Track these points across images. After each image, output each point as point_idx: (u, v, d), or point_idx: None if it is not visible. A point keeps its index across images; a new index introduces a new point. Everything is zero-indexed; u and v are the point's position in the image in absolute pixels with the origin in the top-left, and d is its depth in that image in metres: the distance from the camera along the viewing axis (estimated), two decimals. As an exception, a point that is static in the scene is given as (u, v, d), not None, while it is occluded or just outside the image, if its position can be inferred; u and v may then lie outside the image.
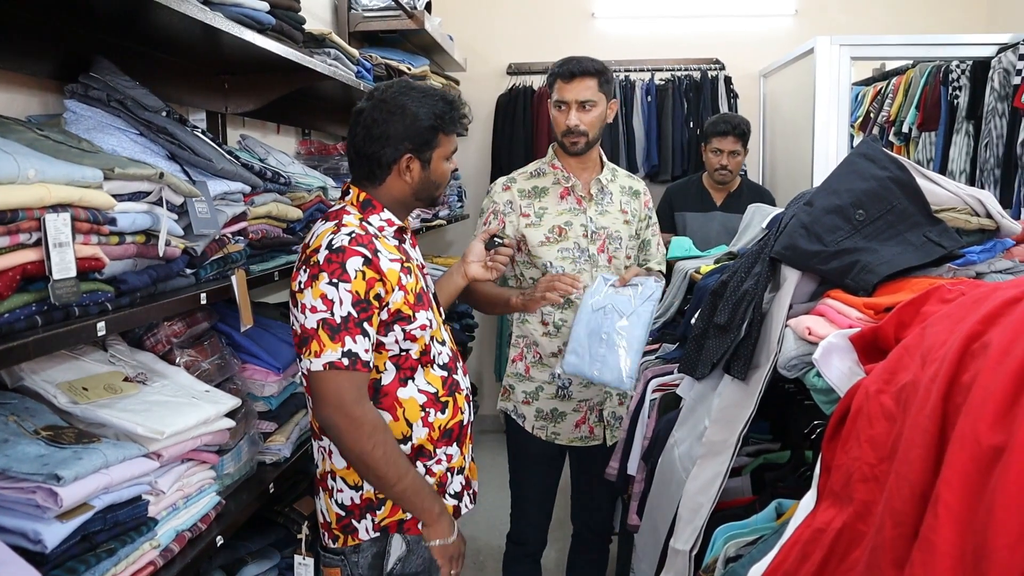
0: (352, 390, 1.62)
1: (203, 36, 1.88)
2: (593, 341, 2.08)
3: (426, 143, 1.75)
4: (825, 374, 1.32)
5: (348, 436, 1.62)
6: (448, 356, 1.86)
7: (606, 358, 2.05)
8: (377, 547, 1.75)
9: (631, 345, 2.08)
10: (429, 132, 1.74)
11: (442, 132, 1.77)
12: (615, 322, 2.11)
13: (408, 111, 1.72)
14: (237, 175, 1.68)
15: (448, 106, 1.77)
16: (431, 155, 1.77)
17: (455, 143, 1.83)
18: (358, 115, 1.76)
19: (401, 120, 1.72)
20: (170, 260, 1.45)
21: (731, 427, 1.63)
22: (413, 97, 1.73)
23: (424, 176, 1.78)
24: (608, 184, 2.40)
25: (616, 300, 2.13)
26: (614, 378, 2.05)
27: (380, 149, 1.73)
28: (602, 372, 2.06)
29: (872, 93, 4.97)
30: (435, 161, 1.78)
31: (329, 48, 2.45)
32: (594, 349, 2.08)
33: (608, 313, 2.11)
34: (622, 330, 2.09)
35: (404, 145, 1.73)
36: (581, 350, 2.09)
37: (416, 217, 3.53)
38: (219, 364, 1.78)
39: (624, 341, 2.09)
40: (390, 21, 3.65)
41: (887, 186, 1.53)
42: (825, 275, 1.51)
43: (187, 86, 2.28)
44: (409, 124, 1.72)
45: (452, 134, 1.81)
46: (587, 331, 2.10)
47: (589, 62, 2.28)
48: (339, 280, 1.60)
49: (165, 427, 1.39)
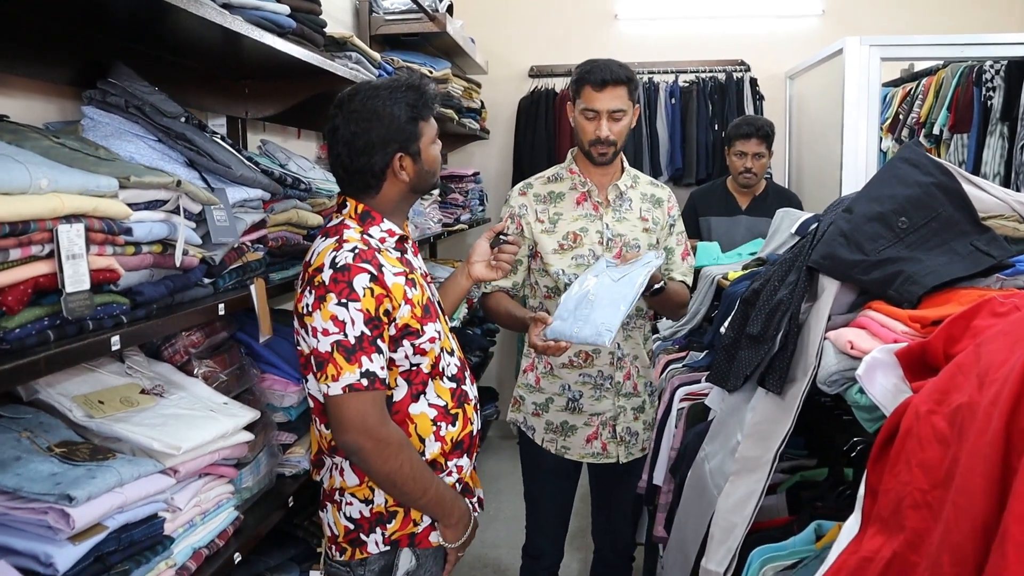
0: (375, 411, 1.60)
1: (223, 40, 1.85)
2: (580, 305, 1.95)
3: (411, 137, 1.71)
4: (869, 391, 1.25)
5: (376, 458, 1.60)
6: (456, 367, 1.83)
7: (589, 316, 1.92)
8: (385, 560, 1.72)
9: (614, 301, 1.92)
10: (410, 126, 1.71)
11: (421, 120, 1.73)
12: (604, 284, 1.99)
13: (384, 113, 1.68)
14: (256, 181, 1.65)
15: (417, 92, 1.72)
16: (419, 146, 1.73)
17: (435, 125, 1.80)
18: (333, 134, 1.72)
19: (380, 124, 1.67)
20: (188, 270, 1.42)
21: (766, 443, 1.57)
22: (382, 97, 1.69)
23: (418, 169, 1.75)
24: (627, 190, 2.31)
25: (612, 272, 2.04)
26: (591, 332, 1.89)
27: (369, 160, 1.69)
28: (581, 329, 1.91)
29: (901, 94, 4.87)
30: (424, 150, 1.75)
31: (350, 52, 2.42)
32: (579, 311, 1.94)
33: (600, 281, 2.01)
34: (609, 288, 1.96)
35: (392, 147, 1.70)
36: (566, 315, 1.95)
37: (438, 222, 3.49)
38: (238, 374, 1.75)
39: (608, 297, 1.94)
40: (412, 24, 3.61)
41: (931, 192, 1.47)
42: (866, 286, 1.45)
43: (207, 91, 2.25)
44: (389, 125, 1.68)
45: (430, 117, 1.77)
46: (576, 299, 1.98)
47: (620, 69, 2.18)
48: (348, 300, 1.57)
49: (182, 442, 1.35)
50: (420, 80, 1.78)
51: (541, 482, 2.43)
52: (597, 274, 2.03)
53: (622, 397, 2.32)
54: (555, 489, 2.43)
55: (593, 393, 2.30)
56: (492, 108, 4.80)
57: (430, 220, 3.33)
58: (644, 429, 2.37)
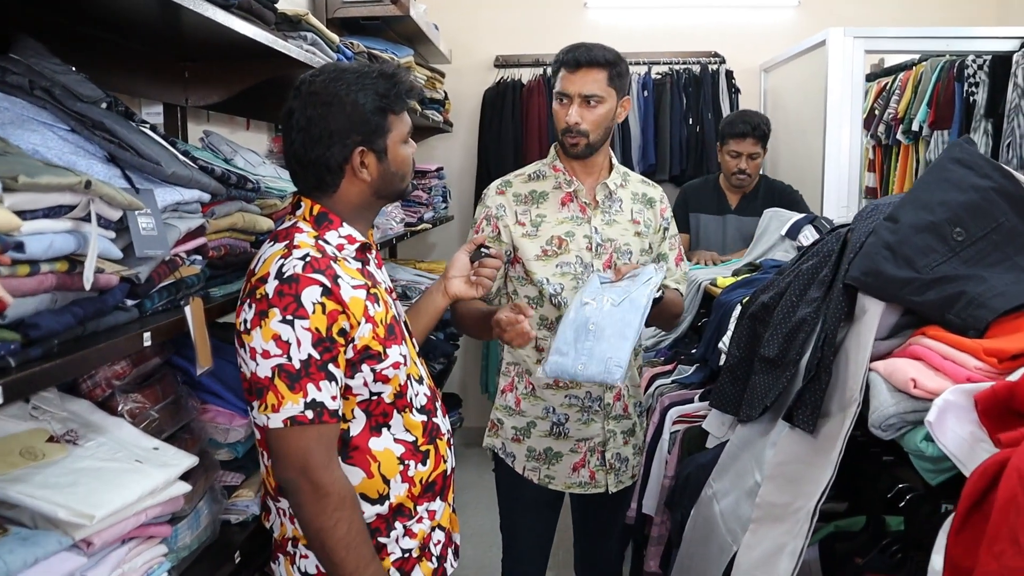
0: (320, 450, 1.38)
1: (158, 13, 1.59)
2: (580, 336, 1.72)
3: (376, 130, 1.48)
4: (941, 441, 1.04)
5: (310, 506, 1.39)
6: (427, 396, 1.60)
7: (592, 350, 1.71)
8: None
9: (621, 332, 1.71)
10: (377, 116, 1.47)
11: (391, 112, 1.49)
12: (604, 311, 1.76)
13: (347, 98, 1.45)
14: (193, 180, 1.37)
15: (390, 81, 1.49)
16: (385, 142, 1.49)
17: (409, 122, 1.55)
18: (288, 118, 1.48)
19: (341, 110, 1.44)
20: (104, 291, 1.14)
21: (795, 489, 1.36)
22: (348, 81, 1.46)
23: (383, 169, 1.51)
24: (617, 190, 2.08)
25: (610, 292, 1.81)
26: (599, 370, 1.70)
27: (326, 151, 1.46)
28: (587, 366, 1.70)
29: (876, 89, 4.73)
30: (392, 148, 1.51)
31: (306, 32, 2.14)
32: (580, 344, 1.72)
33: (599, 305, 1.78)
34: (611, 316, 1.73)
35: (352, 139, 1.46)
36: (566, 347, 1.73)
37: (400, 222, 3.23)
38: (173, 409, 1.48)
39: (612, 327, 1.72)
40: (372, 7, 3.34)
41: (991, 199, 1.26)
42: (919, 309, 1.24)
43: (140, 74, 1.97)
44: (351, 113, 1.45)
45: (403, 111, 1.53)
46: (574, 328, 1.76)
47: (600, 50, 1.97)
48: (294, 317, 1.35)
49: (97, 508, 1.08)
50: (396, 69, 1.54)
51: (521, 514, 2.19)
52: (593, 296, 1.79)
53: (612, 420, 2.09)
54: (536, 521, 2.19)
55: (580, 416, 2.07)
56: (456, 100, 4.55)
57: (392, 220, 3.06)
58: (634, 454, 2.14)
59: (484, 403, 4.84)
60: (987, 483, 0.95)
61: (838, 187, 3.74)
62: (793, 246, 2.78)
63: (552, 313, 2.02)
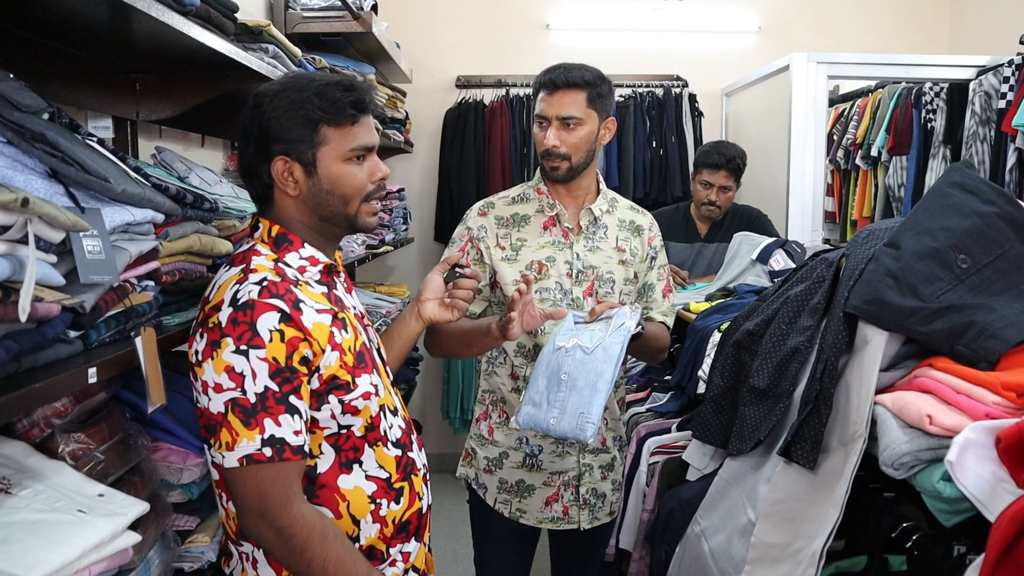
0: (277, 491, 1.28)
1: (108, 18, 1.47)
2: (552, 386, 1.66)
3: (301, 139, 1.37)
4: (961, 481, 0.97)
5: (278, 552, 1.32)
6: (401, 429, 1.49)
7: (565, 403, 1.64)
8: None
9: (593, 384, 1.64)
10: (301, 124, 1.37)
11: (325, 123, 1.38)
12: (577, 359, 1.68)
13: (277, 103, 1.37)
14: (145, 199, 1.25)
15: (337, 89, 1.38)
16: (314, 154, 1.38)
17: (359, 137, 1.41)
18: (240, 127, 1.43)
19: (263, 115, 1.37)
20: (43, 322, 1.02)
21: (795, 528, 1.28)
22: (287, 85, 1.39)
23: (312, 184, 1.40)
24: (603, 216, 2.00)
25: (583, 336, 1.73)
26: (571, 426, 1.62)
27: (252, 156, 1.40)
28: (559, 420, 1.63)
29: (834, 115, 4.78)
30: (325, 163, 1.39)
31: (267, 44, 2.03)
32: (553, 395, 1.65)
33: (571, 351, 1.70)
34: (584, 366, 1.66)
35: (274, 147, 1.37)
36: (539, 398, 1.66)
37: (362, 244, 3.11)
38: (120, 449, 1.34)
39: (584, 378, 1.65)
40: (333, 23, 3.23)
41: (995, 224, 1.21)
42: (926, 339, 1.18)
43: (88, 85, 1.84)
44: (275, 118, 1.36)
45: (346, 125, 1.40)
46: (546, 376, 1.68)
47: (579, 71, 1.90)
48: (249, 346, 1.25)
49: (33, 569, 0.95)
50: (353, 81, 1.44)
51: (494, 548, 2.09)
52: (566, 339, 1.71)
53: (588, 454, 2.00)
54: (510, 555, 2.09)
55: (555, 448, 1.98)
56: (416, 120, 4.46)
57: (354, 242, 2.95)
58: (613, 490, 2.05)
59: (445, 429, 4.72)
60: (1018, 529, 0.89)
61: (802, 211, 3.74)
62: (764, 270, 2.75)
63: (529, 341, 1.94)
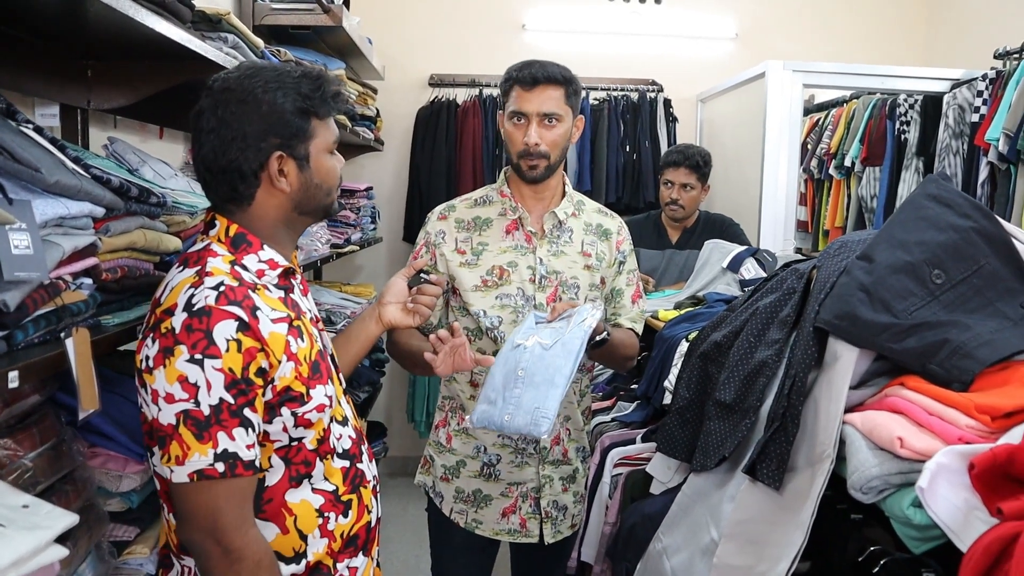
0: (232, 509, 1.21)
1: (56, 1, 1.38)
2: (508, 382, 1.59)
3: (298, 134, 1.32)
4: (932, 508, 0.93)
5: (219, 573, 1.23)
6: (351, 439, 1.43)
7: (520, 399, 1.57)
8: None
9: (550, 379, 1.57)
10: (298, 119, 1.32)
11: (315, 116, 1.34)
12: (535, 354, 1.63)
13: (264, 96, 1.29)
14: (83, 191, 1.18)
15: (315, 83, 1.34)
16: (307, 149, 1.34)
17: (336, 131, 1.40)
18: (198, 119, 1.32)
19: (257, 110, 1.29)
20: (-40, 322, 0.95)
21: (759, 551, 1.23)
22: (266, 78, 1.31)
23: (305, 179, 1.35)
24: (568, 219, 1.94)
25: (543, 333, 1.67)
26: (525, 421, 1.55)
27: (239, 155, 1.30)
28: (514, 416, 1.56)
29: (809, 124, 4.78)
30: (315, 156, 1.35)
31: (226, 33, 1.96)
32: (508, 392, 1.58)
33: (530, 348, 1.63)
34: (541, 361, 1.59)
35: (269, 141, 1.30)
36: (494, 395, 1.60)
37: (327, 243, 3.03)
38: (53, 456, 1.27)
39: (542, 373, 1.58)
40: (302, 16, 3.15)
41: (971, 240, 1.18)
42: (897, 357, 1.14)
43: (33, 71, 1.75)
44: (268, 113, 1.29)
45: (329, 117, 1.38)
46: (503, 373, 1.61)
47: (555, 67, 1.84)
48: (204, 355, 1.18)
49: (-63, 589, 0.88)
50: (321, 72, 1.38)
51: (452, 558, 2.03)
52: (526, 337, 1.65)
53: (548, 465, 1.94)
54: (468, 566, 2.03)
55: (513, 458, 1.92)
56: (387, 118, 4.38)
57: (318, 241, 2.87)
58: (575, 502, 1.99)
59: (410, 432, 4.65)
60: (991, 560, 0.85)
61: (775, 220, 3.72)
62: (735, 279, 2.71)
63: (490, 347, 1.88)
